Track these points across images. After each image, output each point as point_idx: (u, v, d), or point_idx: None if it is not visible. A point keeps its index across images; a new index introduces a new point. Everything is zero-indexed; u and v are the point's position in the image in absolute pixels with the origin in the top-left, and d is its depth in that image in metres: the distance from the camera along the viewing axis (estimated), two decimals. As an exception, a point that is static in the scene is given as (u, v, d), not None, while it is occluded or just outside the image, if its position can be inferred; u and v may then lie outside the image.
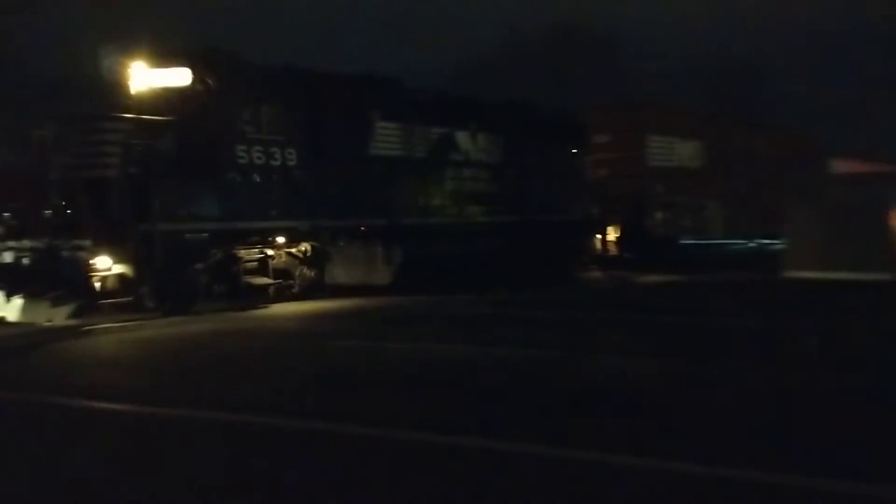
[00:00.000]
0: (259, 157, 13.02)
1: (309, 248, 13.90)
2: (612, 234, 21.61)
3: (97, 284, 11.31)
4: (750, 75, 52.98)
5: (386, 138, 15.47)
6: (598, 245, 21.16)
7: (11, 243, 12.02)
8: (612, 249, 21.46)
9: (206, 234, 12.34)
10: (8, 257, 12.04)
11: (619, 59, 49.73)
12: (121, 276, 11.47)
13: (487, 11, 55.74)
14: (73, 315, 11.16)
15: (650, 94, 40.73)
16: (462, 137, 17.12)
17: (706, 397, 6.54)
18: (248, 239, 13.06)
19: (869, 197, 17.29)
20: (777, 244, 19.41)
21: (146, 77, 12.56)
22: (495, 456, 4.97)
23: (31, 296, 11.28)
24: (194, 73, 12.38)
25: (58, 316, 11.10)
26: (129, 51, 12.61)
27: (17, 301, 11.39)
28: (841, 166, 33.89)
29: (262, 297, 13.22)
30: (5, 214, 12.15)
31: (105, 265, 11.32)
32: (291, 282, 13.80)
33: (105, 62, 12.68)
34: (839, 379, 7.14)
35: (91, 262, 11.21)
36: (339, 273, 14.49)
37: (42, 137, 12.28)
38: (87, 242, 11.19)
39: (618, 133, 21.81)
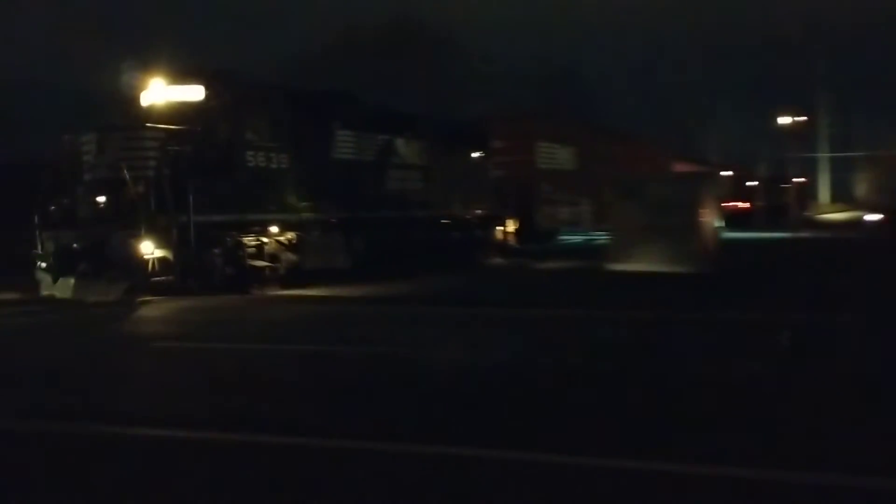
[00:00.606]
0: (261, 161, 15.58)
1: (293, 236, 16.51)
2: (511, 227, 25.22)
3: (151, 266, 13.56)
4: (574, 82, 55.38)
5: (344, 144, 18.25)
6: (501, 236, 24.71)
7: (53, 233, 14.04)
8: (512, 240, 25.09)
9: (223, 224, 14.78)
10: (51, 245, 14.04)
11: (455, 59, 49.95)
12: (161, 259, 13.74)
13: (328, 2, 54.99)
14: (127, 292, 13.39)
15: (485, 96, 43.88)
16: (400, 144, 20.11)
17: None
18: (250, 228, 15.55)
19: (681, 194, 17.45)
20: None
21: (164, 92, 14.84)
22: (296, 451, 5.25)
23: (83, 276, 13.42)
24: (207, 89, 14.78)
25: (113, 293, 13.30)
26: (148, 68, 14.86)
27: (69, 281, 13.50)
28: (679, 168, 39.39)
29: (260, 279, 15.72)
30: (52, 208, 14.10)
31: (149, 250, 13.57)
32: (278, 265, 16.35)
33: (125, 78, 14.85)
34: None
35: (139, 247, 13.45)
36: (310, 259, 17.13)
37: (75, 143, 14.33)
38: (136, 230, 13.41)
39: (512, 139, 25.46)
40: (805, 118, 49.94)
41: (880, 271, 17.29)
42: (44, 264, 13.96)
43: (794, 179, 54.82)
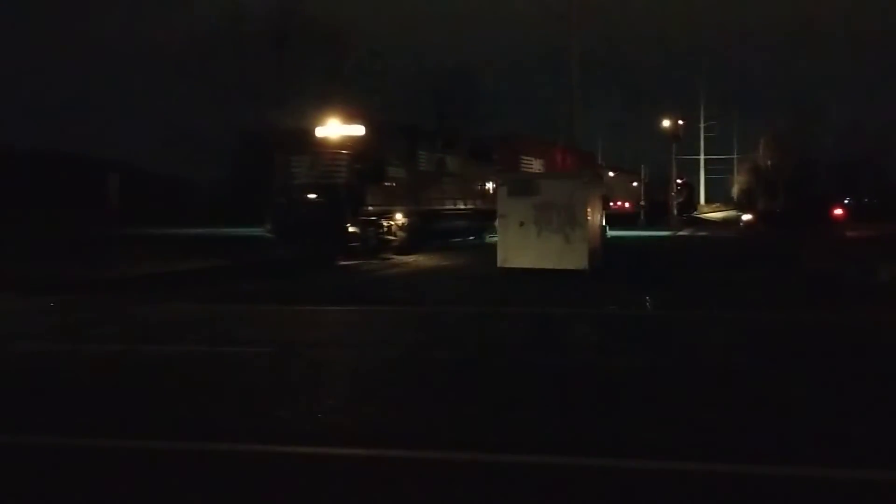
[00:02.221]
0: (393, 172, 24.53)
1: (406, 221, 25.50)
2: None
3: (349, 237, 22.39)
4: (465, 81, 56.09)
5: (423, 160, 27.30)
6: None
7: (279, 215, 22.62)
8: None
9: (374, 213, 23.70)
10: (277, 224, 22.59)
11: (343, 53, 50.25)
12: (353, 233, 22.56)
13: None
14: (339, 253, 22.15)
15: (373, 91, 46.18)
16: (447, 159, 29.29)
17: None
18: (385, 215, 24.46)
19: (568, 193, 17.55)
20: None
21: (339, 128, 23.65)
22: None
23: (310, 242, 22.10)
24: (366, 127, 23.66)
25: (326, 252, 22.04)
26: (327, 113, 23.63)
27: (295, 246, 22.17)
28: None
29: (388, 248, 24.63)
30: (278, 200, 22.69)
31: (348, 227, 22.37)
32: (397, 240, 25.28)
33: (309, 121, 23.57)
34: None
35: (344, 224, 22.25)
36: (413, 236, 26.07)
37: (289, 160, 22.97)
38: (341, 215, 22.18)
39: (504, 153, 34.88)
40: (682, 122, 51.71)
41: (745, 269, 19.51)
42: (272, 236, 22.53)
43: (678, 181, 55.58)
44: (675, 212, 48.11)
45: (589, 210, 17.52)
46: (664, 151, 54.12)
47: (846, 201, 50.80)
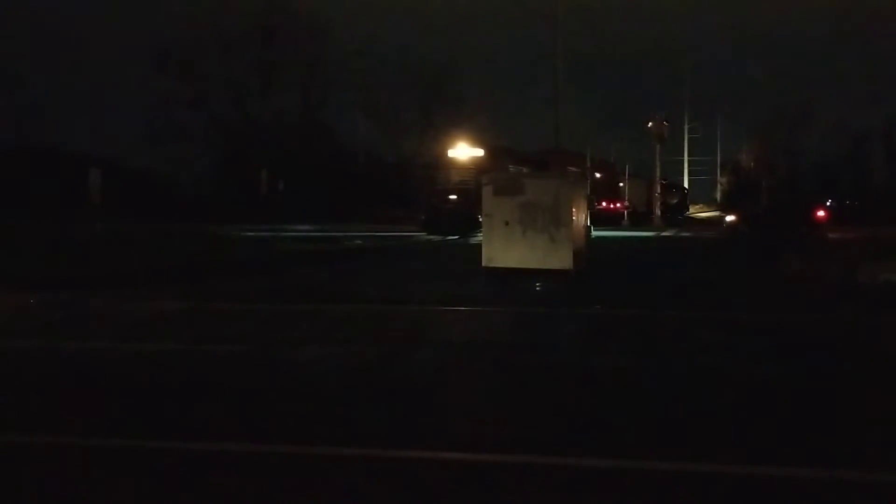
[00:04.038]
0: (497, 182, 35.58)
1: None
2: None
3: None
4: (450, 80, 54.55)
5: (512, 170, 38.23)
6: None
7: (428, 207, 33.56)
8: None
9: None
10: (425, 214, 33.50)
11: (330, 50, 50.96)
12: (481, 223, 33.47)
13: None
14: (471, 235, 33.08)
15: (356, 89, 49.20)
16: (523, 169, 40.20)
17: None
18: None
19: (553, 192, 17.50)
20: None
21: (466, 151, 34.71)
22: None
23: (447, 229, 33.06)
24: (484, 150, 34.71)
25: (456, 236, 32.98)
26: (456, 141, 34.69)
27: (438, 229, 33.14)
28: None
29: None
30: (427, 202, 33.63)
31: (475, 217, 33.31)
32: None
33: (442, 146, 34.61)
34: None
35: (473, 215, 33.15)
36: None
37: (430, 173, 33.97)
38: (466, 208, 33.10)
39: (556, 163, 45.72)
40: (667, 123, 52.45)
41: (726, 269, 19.69)
42: (426, 226, 33.52)
43: (663, 181, 55.74)
44: (660, 212, 50.40)
45: (574, 210, 17.54)
46: (647, 153, 55.17)
47: (828, 203, 49.53)
